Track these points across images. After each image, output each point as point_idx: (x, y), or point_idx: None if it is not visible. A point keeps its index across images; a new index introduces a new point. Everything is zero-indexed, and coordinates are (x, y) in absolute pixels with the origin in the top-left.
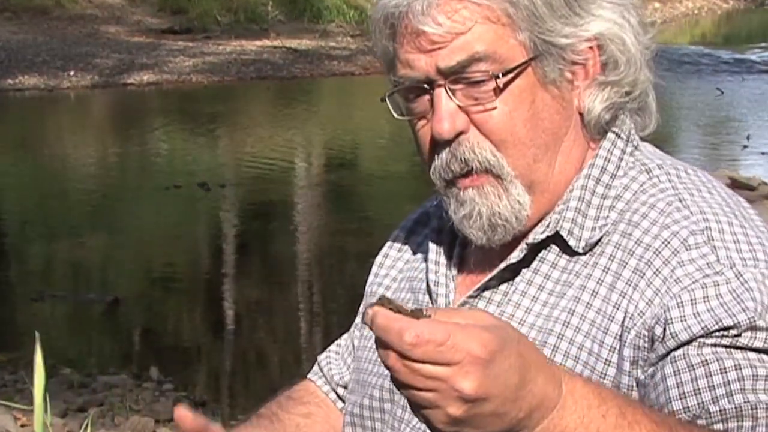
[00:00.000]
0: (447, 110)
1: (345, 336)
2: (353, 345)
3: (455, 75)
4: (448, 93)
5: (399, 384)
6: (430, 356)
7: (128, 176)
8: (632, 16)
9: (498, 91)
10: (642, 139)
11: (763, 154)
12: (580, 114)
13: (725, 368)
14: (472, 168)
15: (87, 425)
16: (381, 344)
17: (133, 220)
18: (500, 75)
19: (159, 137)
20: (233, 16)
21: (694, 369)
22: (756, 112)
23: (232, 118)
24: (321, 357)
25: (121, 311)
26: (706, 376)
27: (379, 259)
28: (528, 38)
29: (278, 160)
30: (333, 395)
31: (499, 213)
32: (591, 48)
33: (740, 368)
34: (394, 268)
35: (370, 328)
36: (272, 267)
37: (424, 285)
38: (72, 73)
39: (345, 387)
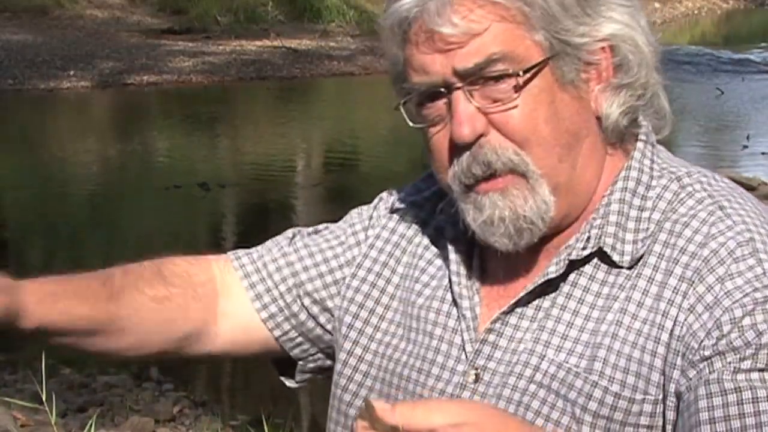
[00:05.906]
0: (466, 113)
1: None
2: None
3: (472, 77)
4: (466, 95)
5: None
6: None
7: (128, 176)
8: (641, 18)
9: (518, 88)
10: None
11: (763, 154)
12: (597, 119)
13: (757, 398)
14: (496, 170)
15: (91, 425)
16: None
17: (133, 220)
18: (521, 72)
19: (159, 137)
20: (233, 16)
21: (726, 395)
22: (756, 112)
23: (232, 118)
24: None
25: None
26: (738, 404)
27: (377, 267)
28: (544, 38)
29: (278, 160)
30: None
31: (524, 216)
32: (603, 49)
33: None
34: (390, 283)
35: None
36: None
37: (433, 302)
38: (72, 73)
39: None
